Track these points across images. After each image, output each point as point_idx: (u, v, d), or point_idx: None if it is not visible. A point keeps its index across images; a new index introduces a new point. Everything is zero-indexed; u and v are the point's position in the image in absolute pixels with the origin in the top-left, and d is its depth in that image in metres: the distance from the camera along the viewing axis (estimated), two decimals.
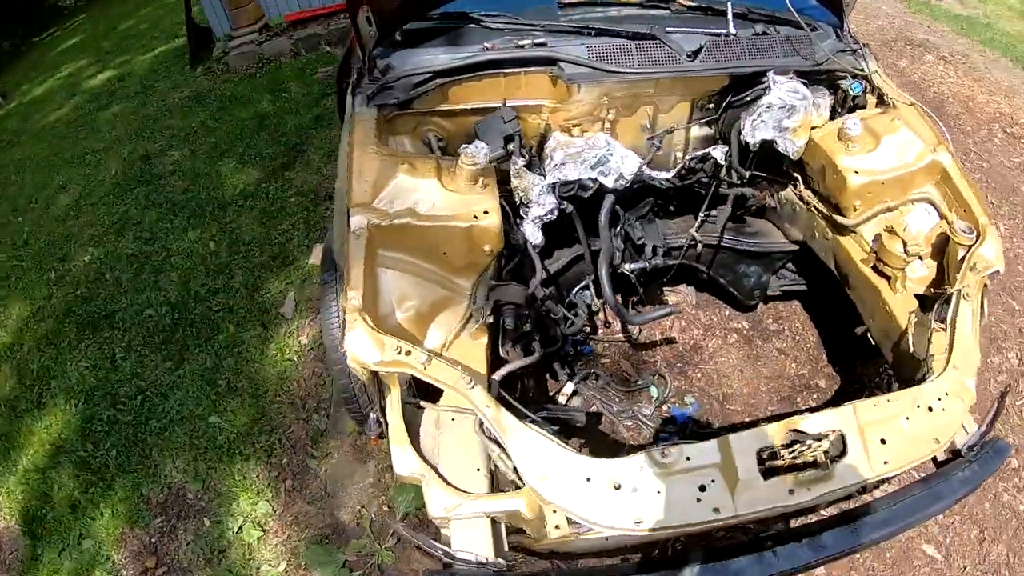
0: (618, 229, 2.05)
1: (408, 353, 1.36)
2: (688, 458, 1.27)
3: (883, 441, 1.43)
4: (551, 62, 1.86)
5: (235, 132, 4.09)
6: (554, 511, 1.26)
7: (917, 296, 1.88)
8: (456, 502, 1.32)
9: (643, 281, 2.16)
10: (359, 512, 2.12)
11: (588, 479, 1.23)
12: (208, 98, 4.56)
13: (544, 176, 1.85)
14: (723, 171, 2.09)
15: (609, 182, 1.88)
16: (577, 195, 1.88)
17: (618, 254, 2.02)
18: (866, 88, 2.03)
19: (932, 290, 1.89)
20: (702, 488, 1.26)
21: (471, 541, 1.29)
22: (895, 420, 1.47)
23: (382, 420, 1.46)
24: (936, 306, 1.76)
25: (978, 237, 1.75)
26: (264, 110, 4.26)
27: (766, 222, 2.33)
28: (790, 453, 1.37)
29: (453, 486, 1.34)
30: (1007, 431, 2.22)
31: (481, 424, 1.45)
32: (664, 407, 2.25)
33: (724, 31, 1.96)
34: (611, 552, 1.78)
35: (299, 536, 2.13)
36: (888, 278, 1.92)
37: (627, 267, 2.05)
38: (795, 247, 2.24)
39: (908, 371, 1.79)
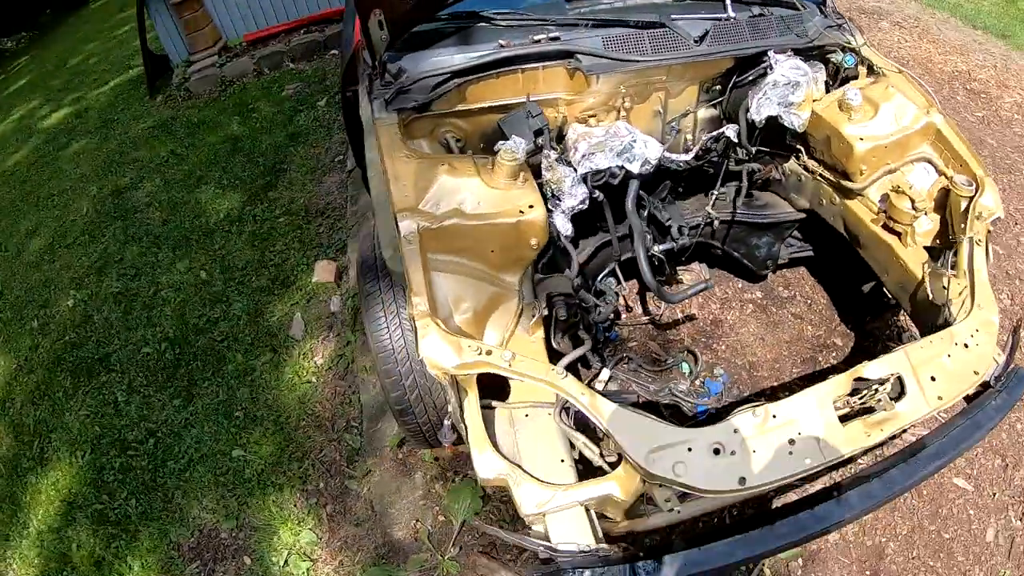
0: (645, 213, 2.09)
1: (489, 353, 1.36)
2: (775, 416, 1.32)
3: (933, 379, 1.54)
4: (568, 55, 1.89)
5: (208, 157, 3.95)
6: (660, 485, 1.28)
7: (926, 248, 2.00)
8: (548, 495, 1.32)
9: (666, 262, 2.22)
10: (414, 527, 2.09)
11: (689, 449, 1.26)
12: (174, 126, 4.40)
13: (572, 168, 1.88)
14: (733, 149, 2.17)
15: (635, 168, 1.92)
16: (607, 183, 1.91)
17: (648, 237, 2.07)
18: (857, 60, 2.15)
19: (938, 242, 2.02)
20: (791, 442, 1.31)
21: (569, 532, 1.30)
22: (939, 359, 1.58)
23: (460, 426, 1.45)
24: (947, 255, 1.88)
25: (978, 188, 1.88)
26: (235, 133, 4.13)
27: (771, 194, 2.42)
28: (859, 399, 1.45)
29: (542, 480, 1.35)
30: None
31: (563, 413, 1.47)
32: (697, 382, 2.31)
33: (724, 15, 2.03)
34: (678, 525, 1.82)
35: (352, 561, 2.08)
36: (898, 234, 2.03)
37: (656, 249, 2.10)
38: (802, 215, 2.34)
39: (929, 317, 1.90)
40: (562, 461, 1.42)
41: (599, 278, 2.23)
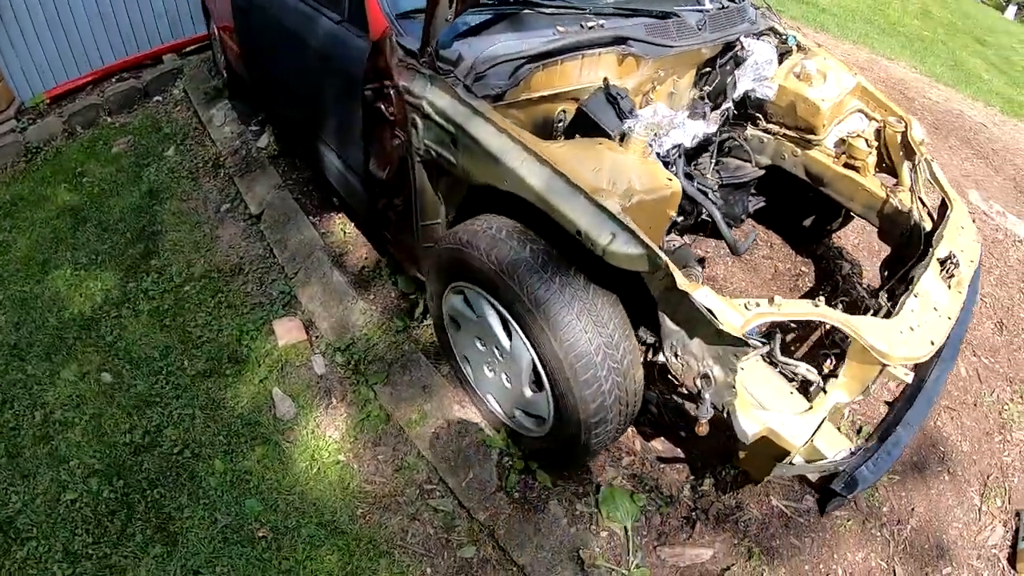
0: (695, 183, 2.21)
1: (757, 304, 1.34)
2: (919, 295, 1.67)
3: (961, 251, 1.97)
4: (622, 41, 1.93)
5: (45, 238, 2.92)
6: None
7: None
8: (806, 424, 1.41)
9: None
10: (575, 556, 1.84)
11: (900, 331, 1.57)
12: None
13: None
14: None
15: (687, 142, 2.04)
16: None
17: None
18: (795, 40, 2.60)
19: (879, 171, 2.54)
20: (935, 309, 1.69)
21: (832, 444, 1.45)
22: (957, 238, 2.01)
23: (724, 397, 1.37)
24: (912, 175, 2.38)
25: (905, 124, 2.43)
26: (70, 203, 3.12)
27: (731, 159, 2.76)
28: (947, 272, 1.84)
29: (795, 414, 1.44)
30: None
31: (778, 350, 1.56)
32: None
33: (703, 7, 2.28)
34: None
35: None
36: (857, 169, 2.50)
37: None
38: (762, 171, 2.72)
39: (898, 226, 2.37)
40: (791, 393, 1.48)
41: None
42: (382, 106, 1.88)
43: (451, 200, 1.93)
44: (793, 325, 2.25)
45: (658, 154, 1.91)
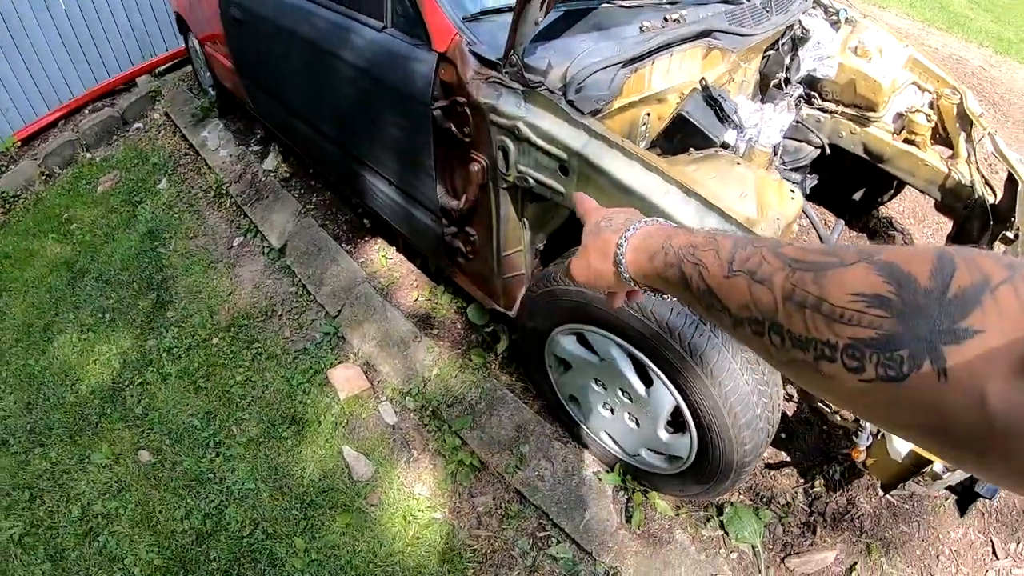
0: None
1: None
2: None
3: None
4: (708, 33, 1.75)
5: (41, 299, 2.59)
6: None
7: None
8: None
9: None
10: None
11: None
12: None
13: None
14: None
15: (778, 137, 1.89)
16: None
17: None
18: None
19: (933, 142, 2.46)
20: None
21: None
22: None
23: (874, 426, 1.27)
24: (963, 146, 2.31)
25: (960, 95, 2.34)
26: (61, 255, 2.78)
27: (789, 140, 2.64)
28: None
29: None
30: None
31: None
32: None
33: None
34: None
35: None
36: (916, 144, 2.42)
37: None
38: (819, 151, 2.61)
39: (959, 200, 2.31)
40: None
41: None
42: (454, 127, 1.66)
43: (542, 228, 1.74)
44: None
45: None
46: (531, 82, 1.49)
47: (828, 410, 1.55)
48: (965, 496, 1.60)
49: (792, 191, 1.49)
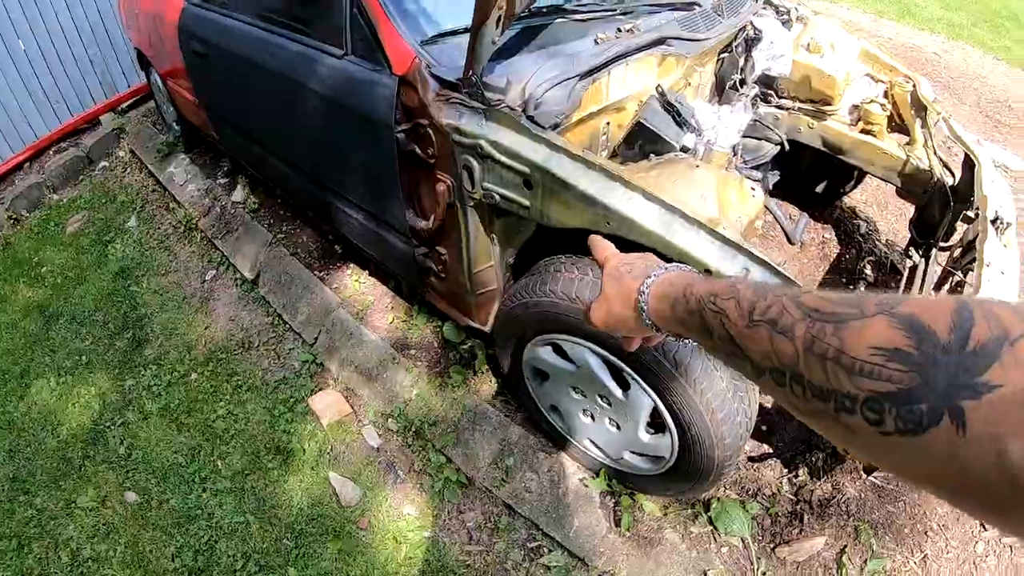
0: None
1: None
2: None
3: (1001, 207, 1.93)
4: (662, 41, 1.80)
5: (16, 345, 2.55)
6: None
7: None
8: None
9: None
10: None
11: None
12: None
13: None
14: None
15: (736, 138, 1.95)
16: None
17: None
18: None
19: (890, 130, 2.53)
20: None
21: None
22: (996, 195, 1.98)
23: None
24: (928, 133, 2.38)
25: (913, 83, 2.42)
26: (33, 299, 2.74)
27: (747, 139, 2.69)
28: None
29: None
30: None
31: None
32: None
33: None
34: None
35: None
36: (873, 133, 2.49)
37: None
38: (778, 147, 2.67)
39: (919, 185, 2.37)
40: None
41: None
42: (418, 149, 1.68)
43: (510, 242, 1.76)
44: None
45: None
46: (491, 100, 1.51)
47: None
48: None
49: (753, 189, 1.53)
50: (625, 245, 1.37)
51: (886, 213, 3.07)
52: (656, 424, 1.58)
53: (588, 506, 1.90)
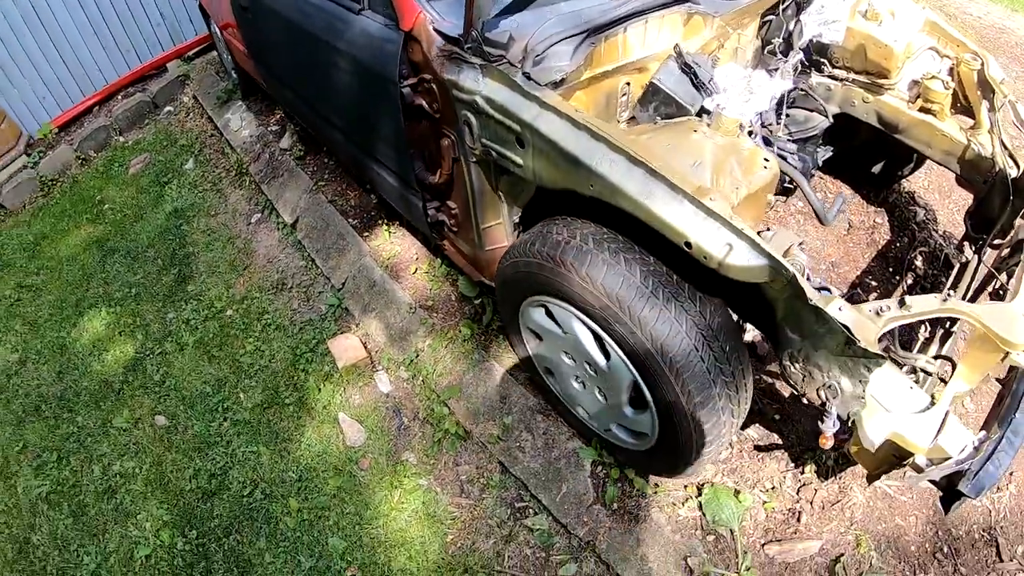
0: (775, 148, 2.01)
1: (888, 308, 1.21)
2: None
3: None
4: None
5: (75, 276, 2.82)
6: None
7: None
8: (935, 420, 1.23)
9: None
10: (682, 564, 1.74)
11: None
12: (3, 256, 3.09)
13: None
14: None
15: (767, 105, 1.83)
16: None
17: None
18: None
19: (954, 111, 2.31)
20: None
21: (959, 438, 1.23)
22: None
23: (853, 408, 1.24)
24: (985, 115, 2.15)
25: (981, 60, 2.18)
26: (95, 235, 3.01)
27: (797, 109, 2.53)
28: None
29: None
30: None
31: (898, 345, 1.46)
32: None
33: None
34: None
35: None
36: (933, 112, 2.28)
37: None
38: (831, 121, 2.49)
39: (979, 172, 2.16)
40: (911, 388, 1.31)
41: None
42: (424, 103, 1.69)
43: (516, 200, 1.75)
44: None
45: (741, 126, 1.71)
46: (491, 56, 1.49)
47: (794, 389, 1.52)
48: (949, 494, 1.53)
49: (767, 159, 1.44)
50: (610, 210, 1.35)
51: (948, 202, 2.82)
52: (640, 401, 1.56)
53: (578, 473, 1.91)
